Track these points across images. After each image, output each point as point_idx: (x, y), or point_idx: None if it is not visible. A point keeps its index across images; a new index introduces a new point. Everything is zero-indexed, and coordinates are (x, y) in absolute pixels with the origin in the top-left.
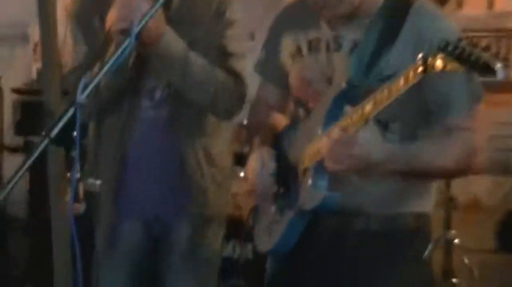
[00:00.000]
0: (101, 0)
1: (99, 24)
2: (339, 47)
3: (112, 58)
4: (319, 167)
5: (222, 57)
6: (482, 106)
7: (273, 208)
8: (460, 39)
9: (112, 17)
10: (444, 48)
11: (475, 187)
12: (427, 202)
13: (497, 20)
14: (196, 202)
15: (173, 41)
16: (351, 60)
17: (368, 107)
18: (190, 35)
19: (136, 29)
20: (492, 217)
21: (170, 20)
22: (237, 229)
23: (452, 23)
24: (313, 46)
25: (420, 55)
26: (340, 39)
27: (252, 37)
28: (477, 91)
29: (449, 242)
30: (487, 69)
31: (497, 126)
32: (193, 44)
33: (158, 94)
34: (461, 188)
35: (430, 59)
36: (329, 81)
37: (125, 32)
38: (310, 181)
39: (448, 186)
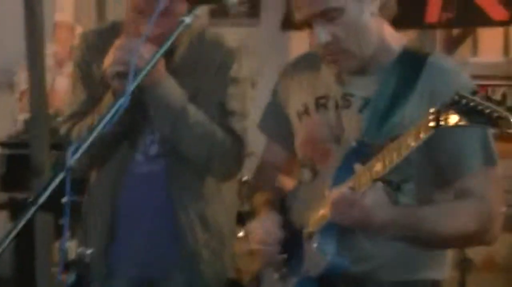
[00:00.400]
0: (103, 46)
1: (98, 71)
2: (348, 104)
3: (106, 116)
4: (326, 230)
5: (221, 115)
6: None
7: (276, 276)
8: (474, 92)
9: (108, 61)
10: (458, 102)
11: (492, 247)
12: (443, 268)
13: None
14: (187, 268)
15: (172, 89)
16: (362, 119)
17: (377, 166)
18: (191, 88)
19: (131, 86)
20: (508, 276)
21: (172, 71)
22: None
23: (468, 78)
24: (321, 104)
25: (431, 109)
26: (350, 96)
27: (253, 85)
28: (491, 154)
29: None
30: (501, 123)
31: (507, 179)
32: (193, 98)
33: (154, 150)
34: (476, 248)
35: (443, 113)
36: (338, 140)
37: (121, 75)
38: (316, 245)
39: None
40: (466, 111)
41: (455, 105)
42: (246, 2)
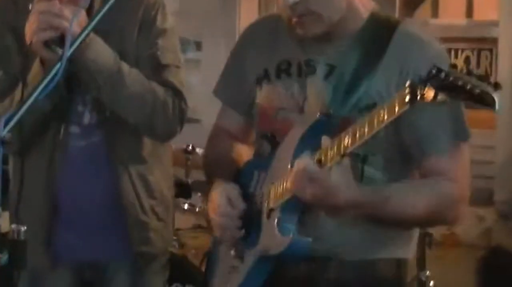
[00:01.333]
0: (13, 15)
1: (14, 43)
2: (313, 71)
3: (40, 85)
4: (288, 208)
5: (156, 69)
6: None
7: (232, 253)
8: (454, 65)
9: (31, 29)
10: (435, 75)
11: None
12: (409, 246)
13: (477, 30)
14: (137, 240)
15: (101, 50)
16: (327, 87)
17: (346, 140)
18: (118, 47)
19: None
20: (472, 255)
21: (95, 32)
22: (182, 271)
23: (441, 48)
24: (282, 69)
25: (407, 83)
26: (314, 62)
27: (199, 46)
28: (463, 129)
29: (424, 284)
30: (484, 100)
31: (474, 150)
32: (122, 57)
33: (87, 119)
34: None
35: (419, 88)
36: (301, 110)
37: (51, 43)
38: (276, 223)
39: None
40: (445, 86)
41: (433, 79)
42: None
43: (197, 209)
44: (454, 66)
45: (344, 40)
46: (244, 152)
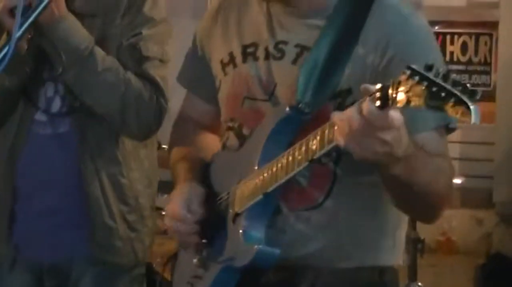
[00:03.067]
0: None
1: None
2: (281, 55)
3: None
4: (255, 213)
5: (136, 60)
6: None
7: (195, 261)
8: (429, 67)
9: None
10: (408, 78)
11: (447, 225)
12: (394, 252)
13: (475, 12)
14: (100, 246)
15: (74, 30)
16: (298, 72)
17: (313, 142)
18: (98, 30)
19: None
20: (469, 263)
21: (73, 11)
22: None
23: (424, 23)
24: (248, 53)
25: (378, 86)
26: (283, 44)
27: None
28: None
29: None
30: (459, 111)
31: (471, 147)
32: (102, 43)
33: (56, 107)
34: (429, 227)
35: (391, 90)
36: (269, 98)
37: (15, 12)
38: (241, 231)
39: (413, 223)
40: (418, 91)
41: (406, 82)
42: None
43: (163, 213)
44: (429, 67)
45: (317, 17)
46: (213, 143)
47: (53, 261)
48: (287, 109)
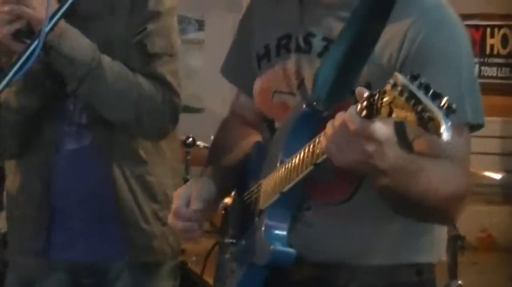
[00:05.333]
0: None
1: None
2: (309, 48)
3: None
4: (276, 211)
5: (144, 59)
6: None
7: (227, 256)
8: (415, 77)
9: None
10: (391, 89)
11: (488, 222)
12: (433, 249)
13: None
14: (139, 250)
15: (77, 42)
16: (317, 70)
17: (318, 145)
18: (104, 34)
19: (46, 28)
20: (510, 260)
21: (75, 16)
22: (181, 280)
23: (451, 13)
24: (282, 45)
25: (365, 94)
26: (311, 37)
27: (201, 25)
28: (476, 115)
29: None
30: (431, 126)
31: (505, 141)
32: (108, 46)
33: (77, 119)
34: (470, 224)
35: (377, 100)
36: (299, 92)
37: (20, 36)
38: (263, 229)
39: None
40: (400, 103)
41: (390, 93)
42: None
43: None
44: (415, 77)
45: (345, 9)
46: (252, 140)
47: (88, 261)
48: (304, 106)
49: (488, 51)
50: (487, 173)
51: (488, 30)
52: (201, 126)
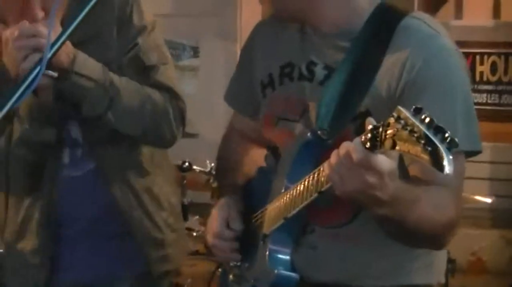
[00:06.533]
0: None
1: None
2: (311, 76)
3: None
4: (280, 236)
5: (141, 72)
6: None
7: (230, 277)
8: (418, 109)
9: (11, 62)
10: (395, 122)
11: (477, 245)
12: (432, 271)
13: (505, 32)
14: (157, 261)
15: (88, 63)
16: (323, 94)
17: (323, 174)
18: (100, 55)
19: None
20: (500, 283)
21: (73, 44)
22: None
23: (447, 43)
24: (285, 74)
25: (370, 126)
26: (313, 65)
27: (195, 52)
28: (473, 140)
29: None
30: (433, 160)
31: (497, 166)
32: (106, 65)
33: (79, 146)
34: (460, 248)
35: (381, 132)
36: (302, 119)
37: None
38: (267, 254)
39: None
40: (404, 136)
41: (393, 125)
42: None
43: (194, 234)
44: (418, 110)
45: (344, 39)
46: (257, 157)
47: (93, 283)
48: (308, 134)
49: (477, 78)
50: (478, 197)
51: (478, 57)
52: (195, 151)
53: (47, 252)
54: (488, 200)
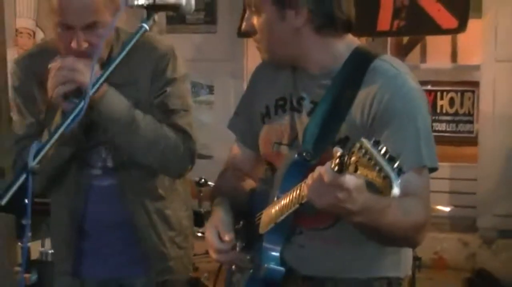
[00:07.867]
0: (39, 69)
1: (39, 94)
2: (300, 108)
3: (65, 122)
4: (271, 237)
5: (165, 113)
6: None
7: (233, 267)
8: (377, 142)
9: (51, 84)
10: (359, 149)
11: (439, 246)
12: (400, 265)
13: (461, 73)
14: (158, 271)
15: (116, 99)
16: (310, 124)
17: (304, 188)
18: (134, 96)
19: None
20: (458, 277)
21: (110, 84)
22: None
23: (413, 83)
24: (279, 105)
25: (339, 152)
26: (302, 100)
27: (211, 89)
28: (432, 158)
29: None
30: (384, 184)
31: (459, 182)
32: (137, 104)
33: (108, 163)
34: (425, 248)
35: (347, 158)
36: (291, 144)
37: (69, 95)
38: (262, 251)
39: None
40: (364, 162)
41: (356, 154)
42: (203, 9)
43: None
44: (377, 142)
45: (326, 78)
46: (250, 185)
47: (117, 279)
48: (296, 155)
49: (438, 110)
50: (439, 207)
51: (439, 93)
52: (210, 169)
53: (74, 245)
54: (447, 209)
